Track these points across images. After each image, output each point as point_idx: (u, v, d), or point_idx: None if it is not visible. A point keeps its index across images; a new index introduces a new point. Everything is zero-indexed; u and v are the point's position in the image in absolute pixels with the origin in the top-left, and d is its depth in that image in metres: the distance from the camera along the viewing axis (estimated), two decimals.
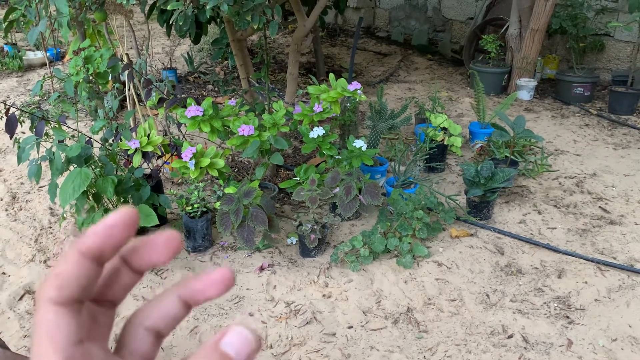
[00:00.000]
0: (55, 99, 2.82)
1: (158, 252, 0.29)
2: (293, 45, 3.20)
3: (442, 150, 3.41)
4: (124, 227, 0.27)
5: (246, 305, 2.27)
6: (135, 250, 0.29)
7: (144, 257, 0.29)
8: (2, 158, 3.63)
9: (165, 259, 0.29)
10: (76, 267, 0.26)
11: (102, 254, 0.27)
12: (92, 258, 0.27)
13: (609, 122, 4.27)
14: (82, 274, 0.26)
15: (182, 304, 0.30)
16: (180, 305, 0.30)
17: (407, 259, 2.47)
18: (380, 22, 7.20)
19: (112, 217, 0.27)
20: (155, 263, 0.29)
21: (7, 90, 4.92)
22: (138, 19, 6.99)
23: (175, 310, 0.30)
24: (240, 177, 3.16)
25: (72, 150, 2.23)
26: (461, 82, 5.24)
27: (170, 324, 0.30)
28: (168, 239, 0.29)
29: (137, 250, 0.29)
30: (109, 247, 0.27)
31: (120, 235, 0.27)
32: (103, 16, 3.02)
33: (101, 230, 0.26)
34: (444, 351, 2.03)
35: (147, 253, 0.29)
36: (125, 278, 0.30)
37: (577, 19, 4.74)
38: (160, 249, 0.29)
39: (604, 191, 3.17)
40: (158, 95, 2.78)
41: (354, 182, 2.58)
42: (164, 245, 0.29)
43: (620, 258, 2.55)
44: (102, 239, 0.26)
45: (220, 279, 0.29)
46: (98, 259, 0.27)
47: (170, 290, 0.30)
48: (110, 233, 0.27)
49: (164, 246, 0.29)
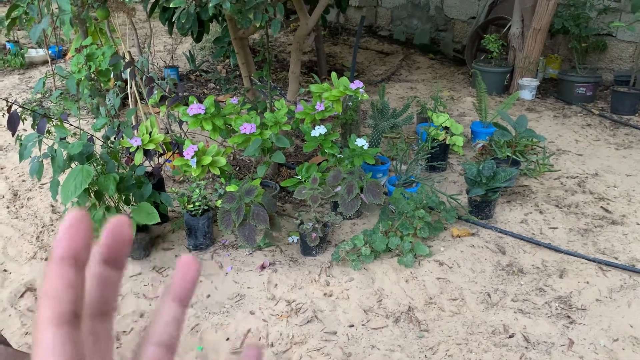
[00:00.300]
0: (57, 97, 2.82)
1: (118, 236, 0.30)
2: (295, 44, 3.20)
3: (444, 150, 3.41)
4: (79, 223, 0.27)
5: (247, 303, 2.27)
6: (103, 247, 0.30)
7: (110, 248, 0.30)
8: (3, 155, 3.64)
9: (126, 238, 0.30)
10: (59, 280, 0.26)
11: (75, 256, 0.27)
12: (69, 265, 0.27)
13: (611, 122, 4.26)
14: (67, 284, 0.26)
15: (175, 303, 0.31)
16: (174, 305, 0.31)
17: (408, 258, 2.47)
18: (382, 21, 7.19)
19: (65, 220, 0.27)
20: (121, 247, 0.30)
21: (9, 87, 4.92)
22: (140, 17, 6.99)
23: (171, 313, 0.31)
24: (242, 176, 3.16)
25: (74, 148, 2.23)
26: (463, 82, 5.23)
27: (174, 330, 0.31)
28: (117, 223, 0.30)
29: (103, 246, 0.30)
30: (77, 247, 0.27)
31: (80, 232, 0.27)
32: (105, 14, 3.02)
33: (62, 236, 0.27)
34: (445, 350, 2.03)
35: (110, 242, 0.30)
36: (107, 278, 0.30)
37: (580, 19, 4.73)
38: (118, 234, 0.30)
39: (605, 191, 3.17)
40: (160, 93, 2.78)
41: (356, 181, 2.58)
42: (118, 231, 0.30)
43: (621, 258, 2.55)
44: (67, 243, 0.27)
45: (185, 265, 0.31)
46: (75, 262, 0.27)
47: (161, 300, 0.31)
48: (71, 234, 0.27)
49: (119, 231, 0.30)
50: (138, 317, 2.20)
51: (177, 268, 0.31)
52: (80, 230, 0.27)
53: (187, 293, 0.31)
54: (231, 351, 2.03)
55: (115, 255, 0.30)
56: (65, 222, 0.27)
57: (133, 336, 2.10)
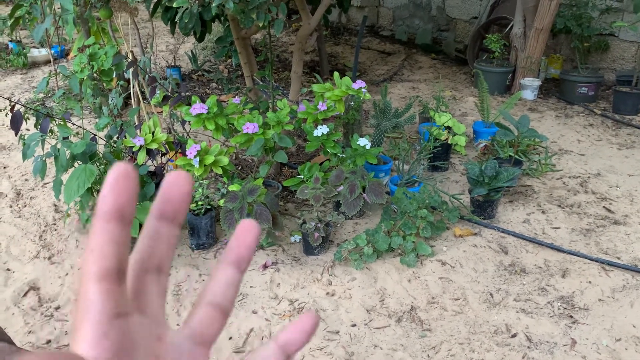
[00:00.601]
0: (60, 96, 2.83)
1: (175, 190, 0.29)
2: (297, 44, 3.20)
3: (446, 149, 3.40)
4: (125, 178, 0.27)
5: (250, 302, 2.27)
6: (160, 202, 0.29)
7: (167, 202, 0.29)
8: (7, 155, 3.64)
9: (184, 192, 0.29)
10: (103, 236, 0.26)
11: (120, 211, 0.27)
12: (113, 220, 0.26)
13: (613, 122, 4.26)
14: (111, 240, 0.26)
15: (231, 267, 0.31)
16: (229, 269, 0.31)
17: (410, 257, 2.47)
18: (384, 21, 7.19)
19: (110, 175, 0.27)
20: (179, 201, 0.29)
21: (12, 87, 4.93)
22: (142, 16, 7.00)
23: (226, 276, 0.30)
24: (244, 175, 3.16)
25: (77, 147, 2.23)
26: (465, 82, 5.23)
27: (228, 293, 0.31)
28: (176, 177, 0.29)
29: (161, 201, 0.29)
30: (121, 202, 0.26)
31: (125, 186, 0.27)
32: (108, 14, 3.03)
33: (107, 191, 0.26)
34: (448, 350, 2.03)
35: (168, 197, 0.29)
36: (163, 234, 0.30)
37: (582, 19, 4.73)
38: (175, 187, 0.29)
39: (608, 191, 3.17)
40: (162, 93, 2.78)
41: (358, 180, 2.58)
42: (175, 184, 0.29)
43: (624, 258, 2.55)
44: (112, 198, 0.26)
45: (242, 230, 0.30)
46: (120, 218, 0.27)
47: (218, 263, 0.31)
48: (116, 188, 0.26)
49: (177, 184, 0.29)
50: None
51: (235, 232, 0.31)
52: (125, 185, 0.27)
53: (243, 258, 0.31)
54: (234, 350, 2.03)
55: (172, 211, 0.29)
56: (110, 177, 0.27)
57: None
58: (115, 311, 0.26)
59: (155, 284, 0.29)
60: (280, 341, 0.31)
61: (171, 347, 0.29)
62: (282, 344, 0.31)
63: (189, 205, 0.30)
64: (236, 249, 0.30)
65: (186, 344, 0.30)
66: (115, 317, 0.26)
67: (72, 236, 2.72)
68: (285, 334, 0.31)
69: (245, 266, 0.31)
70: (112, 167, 0.27)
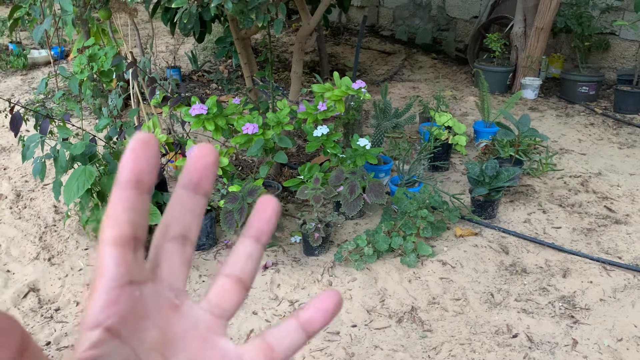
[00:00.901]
0: (60, 97, 2.82)
1: (200, 160, 0.29)
2: (297, 44, 3.19)
3: (447, 149, 3.40)
4: (145, 146, 0.27)
5: (250, 303, 2.27)
6: (185, 172, 0.29)
7: (193, 172, 0.29)
8: (6, 156, 3.64)
9: (211, 159, 0.29)
10: (120, 203, 0.26)
11: (137, 178, 0.27)
12: (131, 188, 0.27)
13: (614, 121, 4.25)
14: (128, 207, 0.26)
15: (250, 240, 0.31)
16: (249, 242, 0.31)
17: (411, 258, 2.46)
18: (384, 21, 7.19)
19: (130, 143, 0.27)
20: (204, 170, 0.29)
21: (12, 88, 4.93)
22: (142, 17, 7.00)
23: (246, 249, 0.31)
24: (244, 176, 3.15)
25: (77, 148, 2.23)
26: (465, 81, 5.22)
27: (247, 266, 0.31)
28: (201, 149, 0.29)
29: (186, 171, 0.29)
30: (138, 169, 0.27)
31: (145, 154, 0.27)
32: (107, 14, 3.02)
33: (126, 158, 0.27)
34: (449, 350, 2.02)
35: (193, 167, 0.29)
36: (188, 203, 0.30)
37: (582, 18, 4.72)
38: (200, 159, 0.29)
39: (609, 190, 3.16)
40: (162, 94, 2.78)
41: (358, 180, 2.58)
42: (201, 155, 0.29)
43: (625, 258, 2.54)
44: (131, 166, 0.27)
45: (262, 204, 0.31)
46: (137, 186, 0.27)
47: (240, 236, 0.31)
48: (135, 156, 0.27)
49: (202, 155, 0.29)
50: None
51: (255, 208, 0.31)
52: (144, 153, 0.27)
53: (263, 231, 0.31)
54: None
55: (197, 179, 0.29)
56: (130, 145, 0.27)
57: None
58: (127, 278, 0.27)
59: (179, 253, 0.30)
60: (301, 319, 0.30)
61: (186, 318, 0.29)
62: (303, 322, 0.30)
63: (214, 175, 0.30)
64: (256, 222, 0.30)
65: (203, 316, 0.30)
66: (127, 283, 0.27)
67: (72, 237, 2.71)
68: (306, 312, 0.30)
69: (266, 239, 0.31)
70: (132, 136, 0.27)
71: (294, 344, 0.30)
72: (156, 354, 0.28)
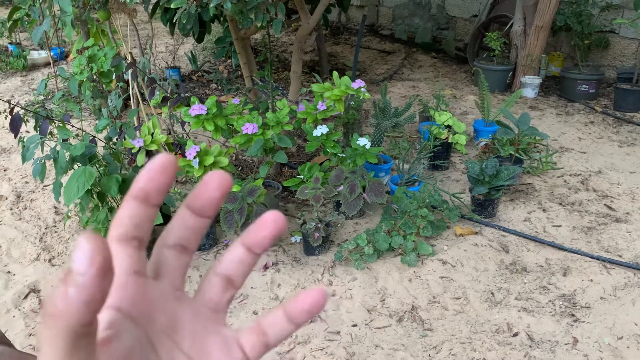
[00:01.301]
0: (60, 98, 2.82)
1: (209, 189, 0.31)
2: (296, 44, 3.19)
3: (447, 148, 3.40)
4: (162, 171, 0.29)
5: (250, 303, 2.27)
6: (194, 194, 0.31)
7: (197, 199, 0.31)
8: (6, 157, 3.64)
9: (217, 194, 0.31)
10: (127, 209, 0.29)
11: (146, 194, 0.29)
12: (139, 200, 0.29)
13: (614, 119, 4.25)
14: (132, 213, 0.29)
15: (245, 249, 0.32)
16: (244, 250, 0.32)
17: (411, 257, 2.46)
18: (383, 20, 7.18)
19: (151, 162, 0.29)
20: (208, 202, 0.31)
21: (12, 89, 4.94)
22: (141, 18, 7.00)
23: (239, 254, 0.32)
24: (244, 176, 3.16)
25: (76, 149, 2.23)
26: (465, 80, 5.22)
27: (239, 269, 0.32)
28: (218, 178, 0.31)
29: (194, 194, 0.31)
30: (151, 188, 0.29)
31: (159, 178, 0.29)
32: (106, 15, 3.02)
33: (142, 175, 0.29)
34: (449, 349, 2.02)
35: (198, 194, 0.31)
36: (189, 223, 0.31)
37: (582, 16, 4.71)
38: (211, 186, 0.31)
39: (609, 189, 3.16)
40: (162, 94, 2.78)
41: (358, 180, 2.58)
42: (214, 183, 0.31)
43: (626, 256, 2.54)
44: (143, 182, 0.29)
45: (265, 220, 0.31)
46: (144, 199, 0.29)
47: (236, 241, 0.32)
48: (150, 176, 0.29)
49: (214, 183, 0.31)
50: None
51: (260, 219, 0.32)
52: (159, 177, 0.29)
53: (258, 245, 0.32)
54: None
55: (199, 207, 0.31)
56: (149, 165, 0.29)
57: None
58: (133, 268, 0.29)
59: (177, 259, 0.31)
60: (287, 310, 0.32)
61: (189, 308, 0.31)
62: (289, 314, 0.32)
63: (219, 204, 0.31)
64: (254, 234, 0.31)
65: (202, 308, 0.32)
66: (133, 272, 0.28)
67: (73, 238, 2.71)
68: (293, 304, 0.32)
69: (259, 251, 0.32)
70: (156, 155, 0.30)
71: (284, 331, 0.32)
72: (165, 337, 0.30)
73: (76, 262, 0.25)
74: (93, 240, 0.25)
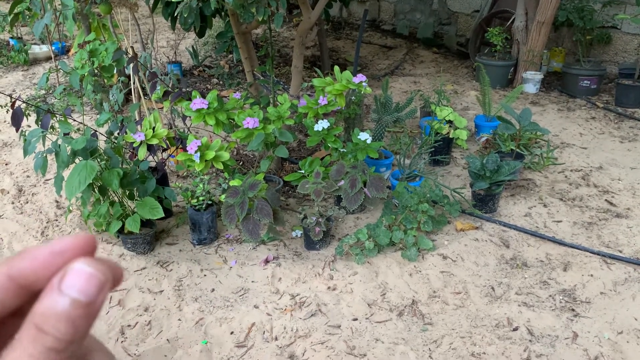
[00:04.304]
0: (61, 92, 2.82)
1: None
2: (298, 38, 3.19)
3: (448, 144, 3.40)
4: (72, 250, 0.25)
5: (251, 297, 2.27)
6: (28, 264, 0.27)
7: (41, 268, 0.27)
8: (8, 151, 3.65)
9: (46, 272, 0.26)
10: None
11: (35, 283, 0.25)
12: (21, 285, 0.25)
13: (615, 115, 4.24)
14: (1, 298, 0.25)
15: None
16: None
17: (412, 251, 2.47)
18: (385, 15, 7.16)
19: (59, 242, 0.25)
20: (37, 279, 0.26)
21: (13, 83, 4.94)
22: (143, 12, 6.99)
23: None
24: (245, 170, 3.16)
25: (78, 143, 2.23)
26: (467, 75, 5.21)
27: None
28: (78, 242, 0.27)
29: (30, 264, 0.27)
30: (46, 277, 0.25)
31: (40, 260, 0.25)
32: (107, 9, 3.02)
33: (43, 257, 0.25)
34: (449, 343, 2.03)
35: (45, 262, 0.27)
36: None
37: (584, 12, 4.70)
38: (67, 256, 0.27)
39: (610, 184, 3.16)
40: (163, 89, 2.78)
41: (359, 175, 2.58)
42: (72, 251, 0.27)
43: (626, 251, 2.54)
44: (41, 266, 0.25)
45: None
46: (29, 286, 0.25)
47: None
48: (54, 262, 0.25)
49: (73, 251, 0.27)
50: (143, 311, 2.21)
51: None
52: (41, 260, 0.25)
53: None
54: (235, 344, 2.04)
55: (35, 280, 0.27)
56: (59, 244, 0.26)
57: (138, 330, 2.11)
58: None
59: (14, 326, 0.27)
60: None
61: None
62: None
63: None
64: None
65: None
66: None
67: (74, 232, 2.72)
68: None
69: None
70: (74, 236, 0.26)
71: None
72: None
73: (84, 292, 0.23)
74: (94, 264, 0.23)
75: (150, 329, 2.12)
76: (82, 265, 0.25)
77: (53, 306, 0.24)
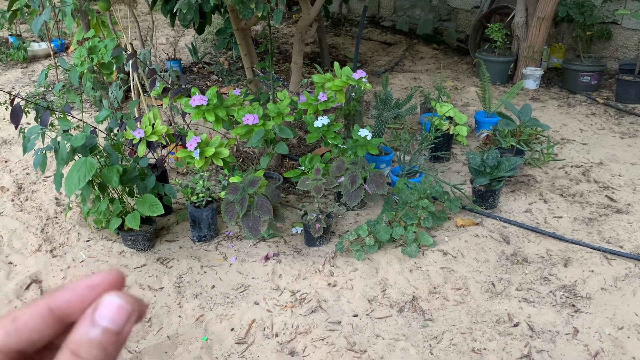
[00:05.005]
0: (60, 89, 2.82)
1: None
2: (297, 35, 3.18)
3: (448, 140, 3.39)
4: (106, 285, 0.28)
5: (252, 294, 2.27)
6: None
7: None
8: (7, 149, 3.64)
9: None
10: (36, 321, 0.28)
11: (70, 316, 0.27)
12: (58, 317, 0.27)
13: (615, 110, 4.23)
14: (38, 329, 0.27)
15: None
16: None
17: (412, 248, 2.47)
18: (385, 12, 7.15)
19: (95, 277, 0.27)
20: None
21: (12, 81, 4.93)
22: (142, 9, 6.98)
23: None
24: (245, 167, 3.16)
25: (77, 140, 2.23)
26: (467, 72, 5.21)
27: None
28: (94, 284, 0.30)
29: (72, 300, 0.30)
30: (81, 309, 0.27)
31: (84, 294, 0.28)
32: (106, 6, 3.01)
33: (80, 290, 0.27)
34: (450, 339, 2.03)
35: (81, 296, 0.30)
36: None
37: (584, 7, 4.69)
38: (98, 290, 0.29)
39: (610, 180, 3.15)
40: (162, 85, 2.77)
41: (359, 171, 2.57)
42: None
43: (626, 247, 2.54)
44: (77, 299, 0.27)
45: None
46: (64, 318, 0.27)
47: None
48: (89, 295, 0.28)
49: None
50: None
51: None
52: (79, 292, 0.28)
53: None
54: (236, 341, 2.04)
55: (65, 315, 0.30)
56: (94, 279, 0.28)
57: (138, 327, 2.11)
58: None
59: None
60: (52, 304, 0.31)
61: None
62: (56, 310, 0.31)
63: None
64: None
65: None
66: None
67: (74, 229, 2.72)
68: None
69: None
70: (106, 271, 0.29)
71: None
72: None
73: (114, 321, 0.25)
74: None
75: (151, 325, 2.12)
76: (112, 297, 0.28)
77: (87, 334, 0.27)
